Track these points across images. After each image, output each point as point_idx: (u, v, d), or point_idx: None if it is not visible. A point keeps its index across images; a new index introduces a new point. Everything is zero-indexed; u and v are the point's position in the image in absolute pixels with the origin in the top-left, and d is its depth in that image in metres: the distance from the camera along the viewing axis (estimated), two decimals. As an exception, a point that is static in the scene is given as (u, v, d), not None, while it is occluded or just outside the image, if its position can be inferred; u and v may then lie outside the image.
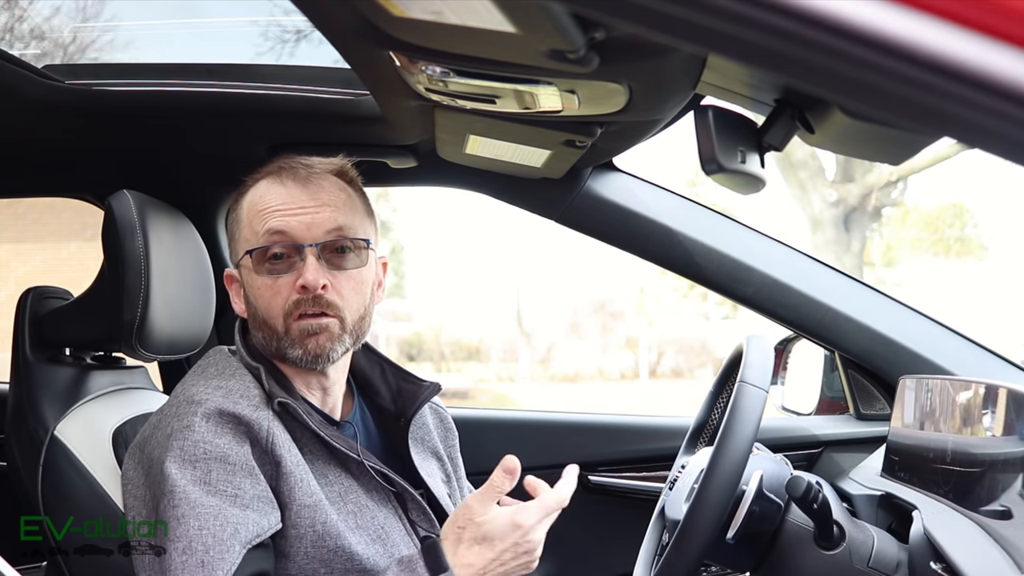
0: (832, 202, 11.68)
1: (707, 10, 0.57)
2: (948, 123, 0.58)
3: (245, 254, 1.33)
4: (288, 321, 1.29)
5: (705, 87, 1.25)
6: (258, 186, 1.35)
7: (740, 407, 1.29)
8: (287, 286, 1.29)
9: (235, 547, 1.17)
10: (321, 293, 1.28)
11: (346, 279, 1.32)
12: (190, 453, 1.21)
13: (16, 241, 8.96)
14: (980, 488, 1.29)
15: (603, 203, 1.86)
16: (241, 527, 1.18)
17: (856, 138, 1.10)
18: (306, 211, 1.31)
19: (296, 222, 1.31)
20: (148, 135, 1.88)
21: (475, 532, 1.21)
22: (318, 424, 1.29)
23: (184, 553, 1.16)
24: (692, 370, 15.24)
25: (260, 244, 1.31)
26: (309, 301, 1.28)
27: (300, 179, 1.33)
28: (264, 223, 1.31)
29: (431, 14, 0.99)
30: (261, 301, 1.31)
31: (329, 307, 1.29)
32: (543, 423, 2.14)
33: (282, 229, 1.31)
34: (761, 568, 1.38)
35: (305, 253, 1.29)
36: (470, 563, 1.21)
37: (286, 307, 1.29)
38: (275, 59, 5.65)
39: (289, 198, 1.32)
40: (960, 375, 1.71)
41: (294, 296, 1.29)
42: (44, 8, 4.66)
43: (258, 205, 1.33)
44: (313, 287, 1.28)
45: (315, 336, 1.29)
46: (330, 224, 1.31)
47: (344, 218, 1.33)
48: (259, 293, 1.31)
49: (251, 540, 1.18)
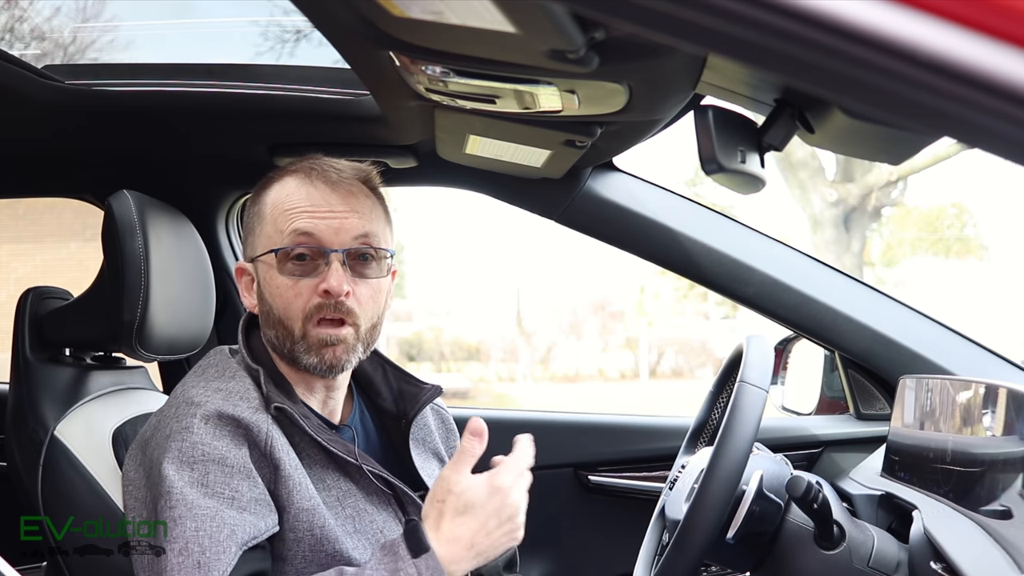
0: (832, 202, 11.68)
1: (707, 10, 0.57)
2: (948, 123, 0.58)
3: (268, 252, 1.32)
4: (306, 325, 1.29)
5: (705, 87, 1.25)
6: (284, 183, 1.34)
7: (740, 407, 1.29)
8: (309, 289, 1.29)
9: (231, 548, 1.16)
10: (343, 300, 1.28)
11: (366, 287, 1.31)
12: (188, 455, 1.21)
13: (16, 241, 8.96)
14: (980, 488, 1.29)
15: (603, 203, 1.86)
16: (238, 528, 1.18)
17: (856, 138, 1.10)
18: (335, 215, 1.30)
19: (324, 225, 1.30)
20: (148, 135, 1.88)
21: (456, 503, 1.19)
22: (315, 429, 1.29)
23: (180, 554, 1.16)
24: (692, 370, 15.25)
25: (285, 244, 1.30)
26: (330, 307, 1.28)
27: (331, 182, 1.32)
28: (291, 223, 1.30)
29: (431, 14, 0.99)
30: (279, 301, 1.30)
31: (348, 314, 1.29)
32: (543, 423, 2.14)
33: (309, 231, 1.29)
34: (761, 568, 1.38)
35: (331, 258, 1.29)
36: (456, 536, 1.18)
37: (306, 310, 1.28)
38: (275, 59, 5.65)
39: (319, 200, 1.31)
40: (960, 375, 1.71)
41: (315, 300, 1.28)
42: (44, 8, 4.67)
43: (284, 203, 1.32)
44: (337, 293, 1.27)
45: (332, 347, 1.29)
46: (358, 231, 1.30)
47: (371, 225, 1.32)
48: (278, 292, 1.30)
49: (247, 541, 1.18)
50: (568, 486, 2.07)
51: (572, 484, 2.07)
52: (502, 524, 1.20)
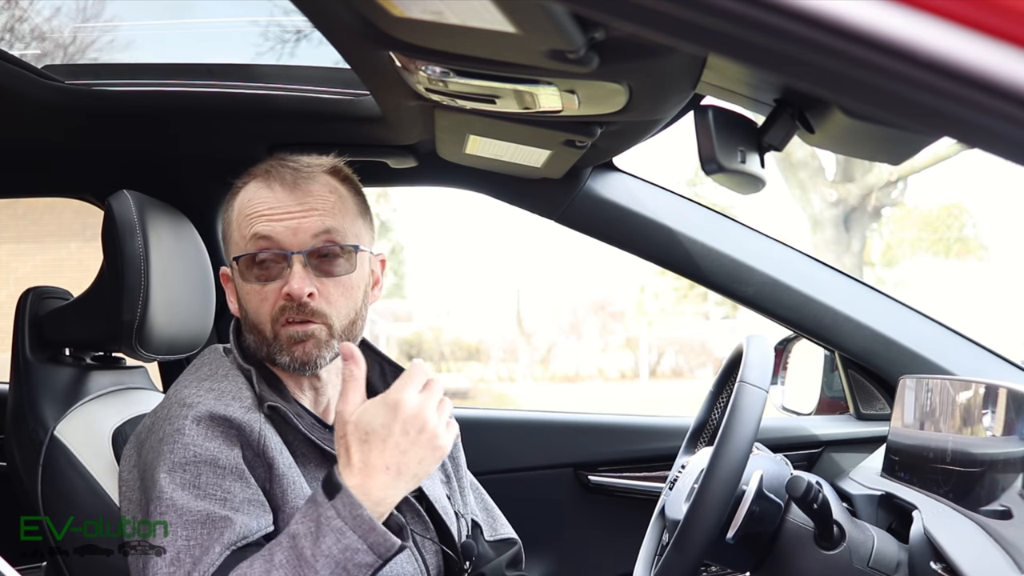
0: (832, 202, 11.69)
1: (707, 10, 0.57)
2: (948, 123, 0.58)
3: (234, 259, 1.32)
4: (275, 327, 1.28)
5: (705, 87, 1.25)
6: (247, 188, 1.33)
7: (740, 407, 1.29)
8: (274, 292, 1.28)
9: (216, 548, 1.15)
10: (307, 301, 1.27)
11: (335, 285, 1.30)
12: (180, 456, 1.21)
13: (16, 241, 8.97)
14: (980, 488, 1.29)
15: (603, 203, 1.86)
16: (228, 529, 1.17)
17: (856, 138, 1.10)
18: (292, 216, 1.29)
19: (282, 227, 1.28)
20: (148, 135, 1.88)
21: (356, 432, 1.16)
22: (308, 427, 1.29)
23: (172, 564, 1.15)
24: (692, 370, 15.26)
25: (247, 250, 1.30)
26: (294, 308, 1.27)
27: (287, 183, 1.30)
28: (251, 228, 1.29)
29: (431, 14, 0.99)
30: (250, 306, 1.31)
31: (315, 315, 1.28)
32: (543, 423, 2.14)
33: (268, 235, 1.28)
34: (761, 568, 1.38)
35: (292, 260, 1.28)
36: (366, 462, 1.14)
37: (273, 313, 1.28)
38: (275, 59, 5.65)
39: (276, 202, 1.30)
40: (960, 375, 1.71)
41: (280, 303, 1.27)
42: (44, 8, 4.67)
43: (246, 209, 1.31)
44: (298, 296, 1.26)
45: (301, 344, 1.28)
46: (316, 228, 1.29)
47: (332, 221, 1.30)
48: (248, 298, 1.31)
49: (236, 542, 1.17)
50: (568, 486, 2.07)
51: (572, 484, 2.07)
52: (415, 439, 1.16)
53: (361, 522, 1.12)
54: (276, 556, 1.13)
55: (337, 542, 1.11)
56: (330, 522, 1.12)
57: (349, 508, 1.12)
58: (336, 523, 1.12)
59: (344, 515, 1.12)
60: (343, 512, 1.12)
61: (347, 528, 1.12)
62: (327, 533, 1.12)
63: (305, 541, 1.12)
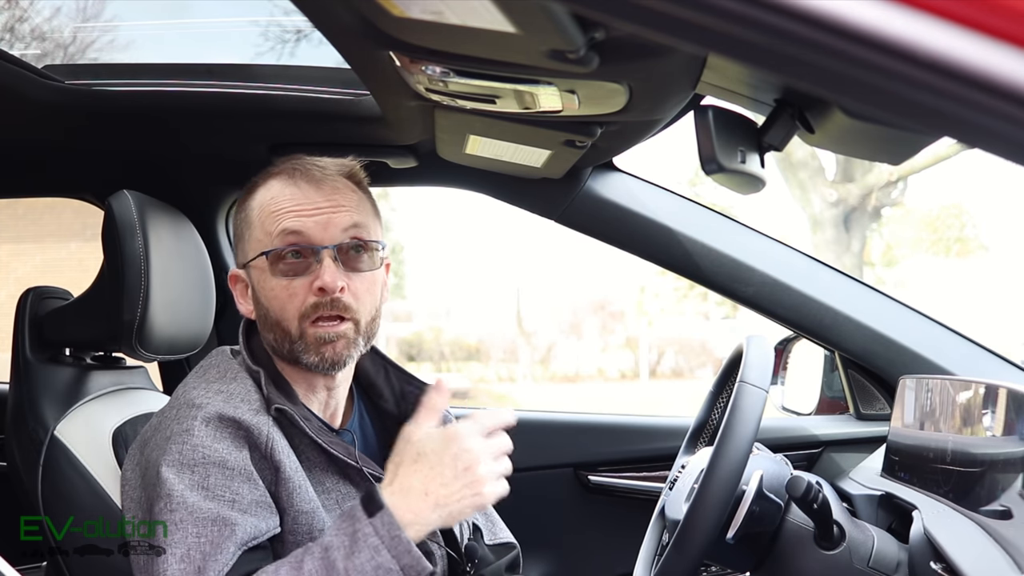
0: (832, 202, 11.68)
1: (707, 10, 0.57)
2: (948, 123, 0.58)
3: (259, 255, 1.31)
4: (303, 325, 1.28)
5: (705, 87, 1.25)
6: (269, 186, 1.34)
7: (740, 407, 1.29)
8: (303, 288, 1.28)
9: (230, 548, 1.17)
10: (339, 296, 1.27)
11: (361, 280, 1.31)
12: (188, 457, 1.21)
13: (16, 241, 8.97)
14: (980, 488, 1.29)
15: (603, 203, 1.86)
16: (238, 529, 1.18)
17: (856, 138, 1.10)
18: (321, 211, 1.30)
19: (312, 222, 1.30)
20: (148, 135, 1.88)
21: (410, 452, 1.18)
22: (316, 431, 1.29)
23: (183, 560, 1.16)
24: (692, 370, 15.25)
25: (275, 246, 1.30)
26: (327, 304, 1.28)
27: (314, 180, 1.32)
28: (278, 224, 1.30)
29: (431, 14, 0.99)
30: (275, 303, 1.30)
31: (346, 310, 1.28)
32: (543, 423, 2.14)
33: (298, 229, 1.29)
34: (761, 568, 1.38)
35: (322, 255, 1.28)
36: (409, 485, 1.16)
37: (302, 309, 1.28)
38: (275, 59, 5.65)
39: (304, 198, 1.31)
40: (960, 375, 1.71)
41: (311, 299, 1.28)
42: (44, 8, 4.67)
43: (270, 206, 1.32)
44: (331, 289, 1.27)
45: (332, 344, 1.28)
46: (346, 223, 1.30)
47: (359, 217, 1.32)
48: (273, 295, 1.30)
49: (247, 542, 1.18)
50: (568, 486, 2.07)
51: (572, 484, 2.07)
52: (459, 475, 1.17)
53: (399, 543, 1.13)
54: (306, 564, 1.14)
55: (371, 559, 1.13)
56: (367, 539, 1.13)
57: (388, 528, 1.14)
58: (373, 540, 1.13)
59: (382, 534, 1.14)
60: (381, 531, 1.14)
61: (383, 547, 1.13)
62: (363, 549, 1.13)
63: (338, 553, 1.13)
